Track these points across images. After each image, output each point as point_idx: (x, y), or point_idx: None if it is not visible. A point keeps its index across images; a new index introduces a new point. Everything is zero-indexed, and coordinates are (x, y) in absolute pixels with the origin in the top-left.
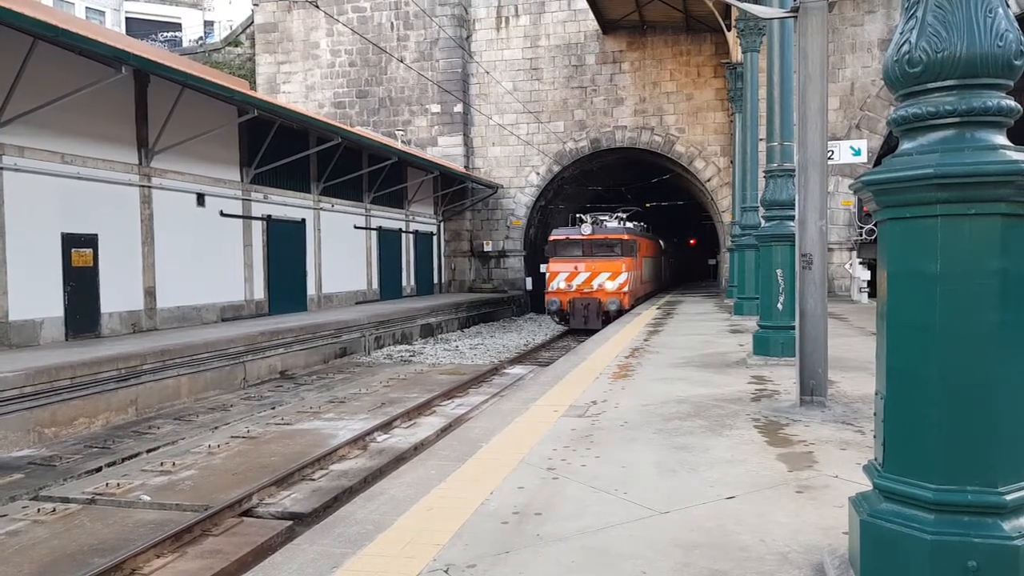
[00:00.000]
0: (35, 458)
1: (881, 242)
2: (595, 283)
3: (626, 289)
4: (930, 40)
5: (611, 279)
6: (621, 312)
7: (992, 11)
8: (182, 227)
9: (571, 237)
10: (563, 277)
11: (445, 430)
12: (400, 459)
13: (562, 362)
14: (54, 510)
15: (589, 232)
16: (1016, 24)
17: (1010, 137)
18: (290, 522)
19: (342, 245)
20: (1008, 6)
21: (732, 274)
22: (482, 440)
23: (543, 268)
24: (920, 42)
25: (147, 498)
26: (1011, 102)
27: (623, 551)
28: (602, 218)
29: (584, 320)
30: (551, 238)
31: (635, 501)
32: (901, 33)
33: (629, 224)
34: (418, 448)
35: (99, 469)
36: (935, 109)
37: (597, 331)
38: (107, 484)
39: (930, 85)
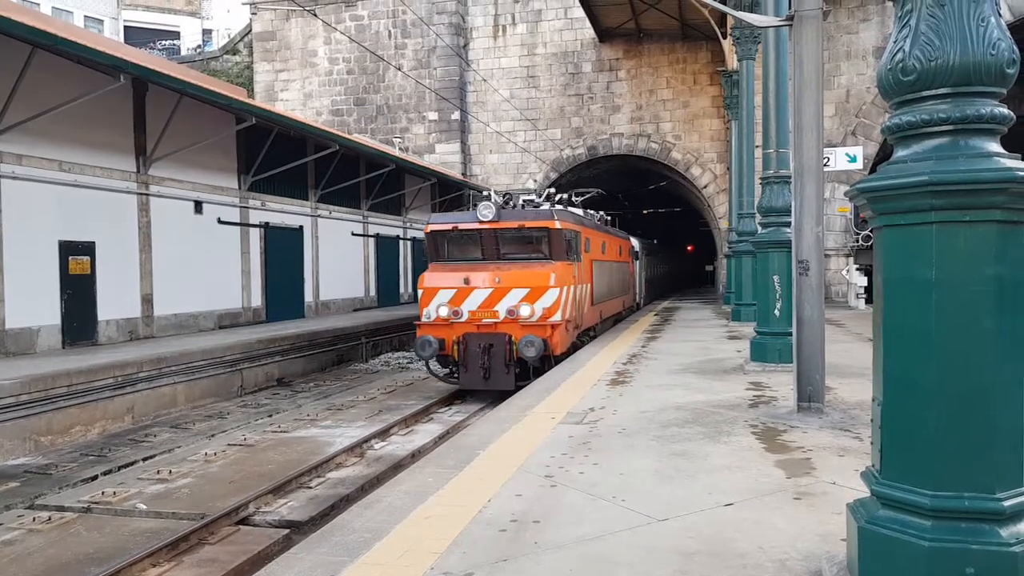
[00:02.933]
0: (31, 466)
1: (877, 249)
2: (501, 307)
3: (558, 317)
4: (924, 49)
5: (530, 299)
6: (550, 358)
7: (984, 20)
8: (180, 235)
9: (461, 227)
10: (445, 298)
11: (443, 437)
12: (398, 466)
13: (558, 369)
14: (49, 519)
15: (492, 217)
16: (1008, 33)
17: (1004, 144)
18: (287, 530)
19: (340, 252)
20: (1000, 15)
21: (729, 280)
22: (480, 447)
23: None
24: (914, 51)
25: (143, 506)
26: (1004, 110)
27: (621, 559)
28: (523, 197)
29: (483, 374)
30: (428, 228)
31: (633, 508)
32: (895, 42)
33: (575, 210)
34: (416, 455)
35: (95, 477)
36: (929, 117)
37: (509, 393)
38: (103, 492)
39: (924, 93)
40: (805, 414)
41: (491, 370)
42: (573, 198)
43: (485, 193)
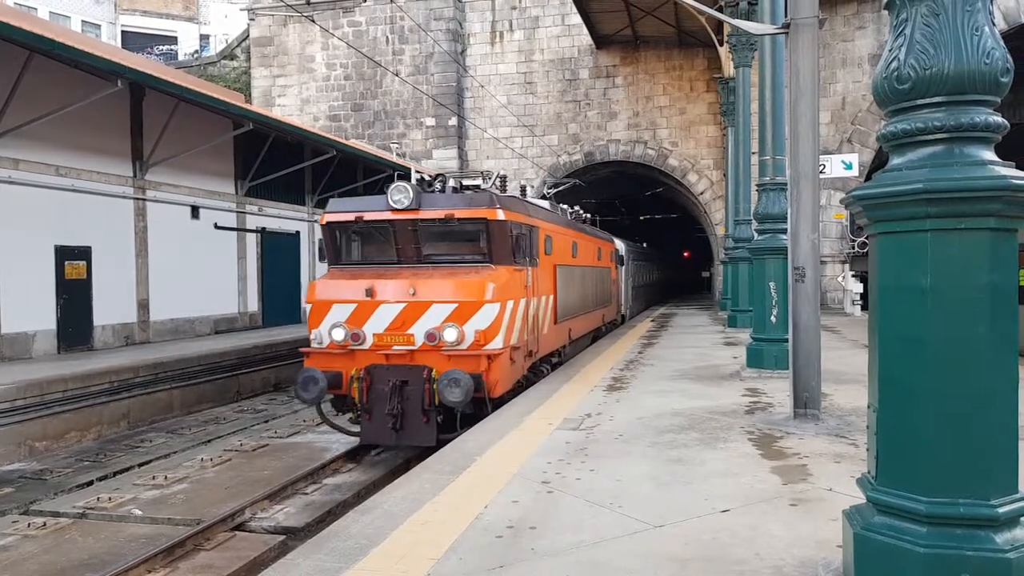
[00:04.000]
0: (26, 472)
1: (872, 256)
2: (418, 329)
3: (498, 343)
4: (918, 57)
5: (457, 318)
6: (486, 404)
7: (979, 29)
8: (176, 240)
9: (367, 217)
10: (341, 316)
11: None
12: (394, 472)
13: (555, 375)
14: (44, 524)
15: (409, 204)
16: (1002, 42)
17: (999, 152)
18: (283, 536)
19: None
20: (994, 24)
21: (726, 287)
22: (476, 453)
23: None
24: (909, 59)
25: (139, 512)
26: (998, 118)
27: (618, 565)
28: (465, 180)
29: (393, 423)
30: (323, 218)
31: (630, 515)
32: (890, 50)
33: (539, 202)
34: (412, 461)
35: (90, 483)
36: (924, 125)
37: (431, 450)
38: (98, 498)
39: (919, 101)
40: (801, 420)
41: (405, 417)
42: (546, 192)
43: (419, 176)
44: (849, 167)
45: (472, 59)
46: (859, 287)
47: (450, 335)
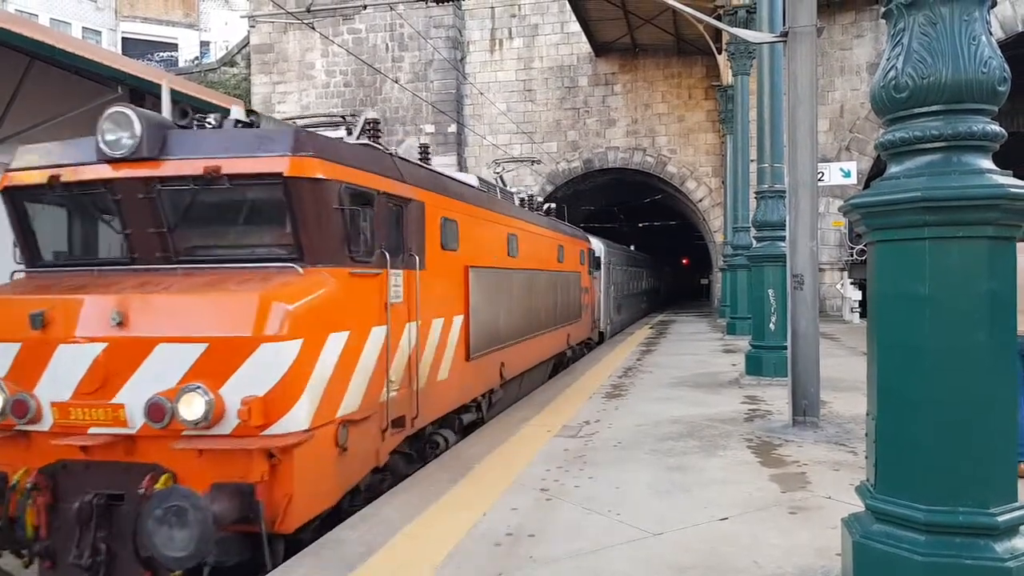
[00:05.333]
0: None
1: (870, 264)
2: (130, 394)
3: (302, 418)
4: (916, 66)
5: (206, 372)
6: (274, 545)
7: (976, 38)
8: None
9: (67, 174)
10: None
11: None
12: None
13: (554, 383)
14: None
15: (135, 149)
16: (999, 51)
17: (998, 162)
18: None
19: None
20: (991, 33)
21: (724, 294)
22: (475, 460)
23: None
24: (906, 68)
25: None
26: (996, 127)
27: (616, 573)
28: (236, 113)
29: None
30: (3, 179)
31: (629, 522)
32: (887, 59)
33: (447, 171)
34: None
35: None
36: (921, 133)
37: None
38: None
39: (916, 110)
40: (800, 428)
41: (115, 568)
42: (495, 168)
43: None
44: (847, 175)
45: (471, 66)
46: (858, 294)
47: (191, 407)
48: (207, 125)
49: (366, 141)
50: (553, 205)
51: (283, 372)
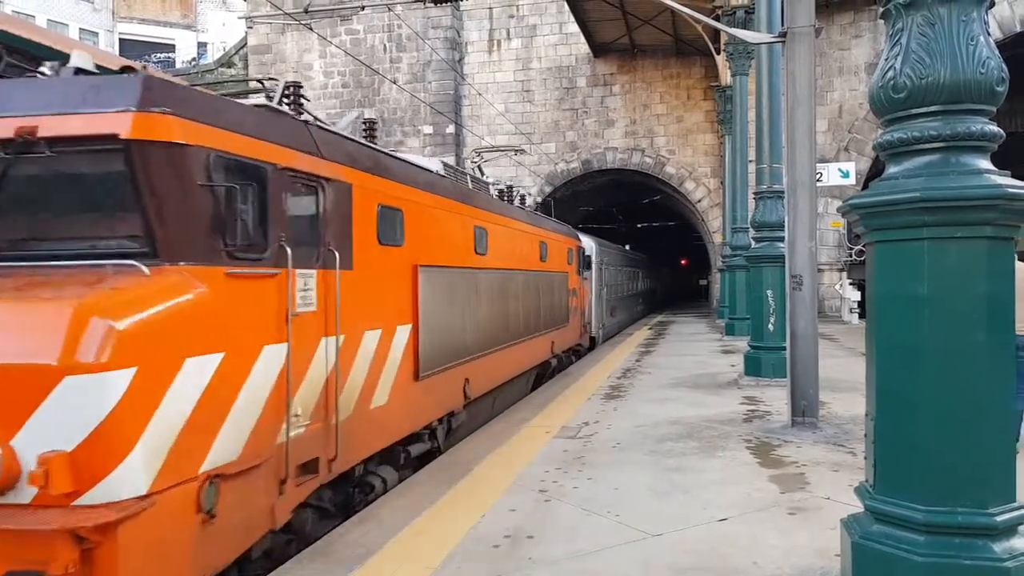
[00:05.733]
0: None
1: (869, 264)
2: None
3: (139, 479)
4: (914, 67)
5: (1, 422)
6: None
7: (974, 39)
8: None
9: None
10: None
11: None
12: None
13: (553, 384)
14: None
15: None
16: (997, 51)
17: (996, 162)
18: None
19: None
20: (989, 34)
21: (723, 294)
22: (474, 462)
23: None
24: (904, 68)
25: None
26: (994, 127)
27: (615, 574)
28: (77, 60)
29: None
30: None
31: (628, 523)
32: (886, 60)
33: (391, 152)
34: None
35: None
36: (920, 134)
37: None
38: None
39: (915, 111)
40: (799, 429)
41: None
42: (473, 158)
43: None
44: (846, 175)
45: (470, 67)
46: (857, 295)
47: None
48: (40, 77)
49: (285, 109)
50: (525, 194)
51: (102, 416)
